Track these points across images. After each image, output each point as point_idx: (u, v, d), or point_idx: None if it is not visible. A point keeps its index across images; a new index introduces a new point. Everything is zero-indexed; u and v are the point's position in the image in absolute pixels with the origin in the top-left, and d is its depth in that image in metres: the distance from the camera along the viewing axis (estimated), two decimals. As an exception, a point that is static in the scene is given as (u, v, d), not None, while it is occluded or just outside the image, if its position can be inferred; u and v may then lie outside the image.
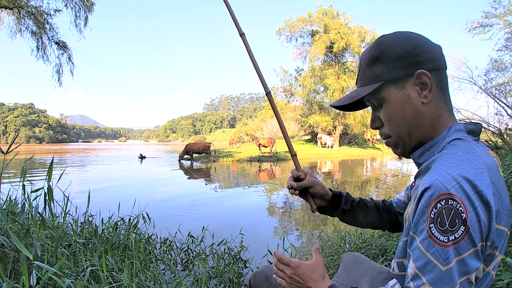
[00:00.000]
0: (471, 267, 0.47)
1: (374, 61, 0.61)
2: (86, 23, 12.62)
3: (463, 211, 0.47)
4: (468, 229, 0.47)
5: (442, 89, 0.60)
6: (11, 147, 1.77)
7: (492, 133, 5.58)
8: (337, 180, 8.87)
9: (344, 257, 1.04)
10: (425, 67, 0.57)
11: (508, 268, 1.22)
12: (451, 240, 0.47)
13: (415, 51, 0.58)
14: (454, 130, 0.58)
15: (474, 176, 0.48)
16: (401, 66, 0.59)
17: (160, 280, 1.79)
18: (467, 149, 0.53)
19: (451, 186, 0.48)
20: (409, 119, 0.60)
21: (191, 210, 4.94)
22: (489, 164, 0.52)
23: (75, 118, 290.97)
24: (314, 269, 0.68)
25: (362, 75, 0.64)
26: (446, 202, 0.48)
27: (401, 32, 0.61)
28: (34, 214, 1.75)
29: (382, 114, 0.64)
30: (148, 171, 11.21)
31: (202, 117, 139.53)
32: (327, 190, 0.85)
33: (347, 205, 0.85)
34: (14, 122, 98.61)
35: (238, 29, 0.93)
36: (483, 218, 0.47)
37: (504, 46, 8.68)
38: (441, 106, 0.59)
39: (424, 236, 0.50)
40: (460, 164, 0.50)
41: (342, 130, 24.10)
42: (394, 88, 0.60)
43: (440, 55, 0.60)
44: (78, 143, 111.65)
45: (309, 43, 23.32)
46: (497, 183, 0.51)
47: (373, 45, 0.62)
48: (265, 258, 2.53)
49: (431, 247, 0.49)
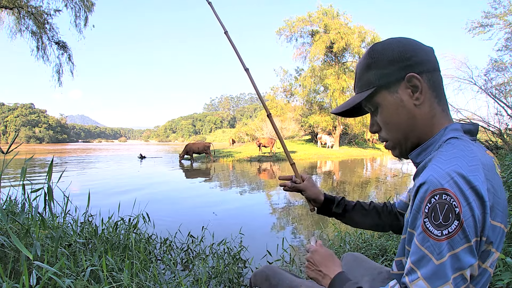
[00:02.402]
0: (465, 262, 0.47)
1: (367, 69, 0.64)
2: (86, 23, 12.61)
3: (457, 205, 0.47)
4: (461, 223, 0.47)
5: (435, 90, 0.61)
6: (11, 147, 1.77)
7: (492, 133, 5.59)
8: (337, 180, 8.87)
9: (344, 257, 1.05)
10: (415, 70, 0.59)
11: (508, 268, 1.22)
12: (445, 235, 0.48)
13: (405, 56, 0.60)
14: (450, 129, 0.59)
15: (468, 172, 0.49)
16: (392, 71, 0.61)
17: (160, 280, 1.79)
18: (462, 147, 0.54)
19: (445, 182, 0.49)
20: (404, 122, 0.62)
21: (191, 210, 4.94)
22: (485, 162, 0.53)
23: (75, 118, 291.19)
24: (327, 256, 0.75)
25: (358, 82, 0.67)
26: (440, 197, 0.48)
27: (392, 39, 0.63)
28: (34, 214, 1.75)
29: (378, 119, 0.66)
30: (148, 171, 11.21)
31: (202, 117, 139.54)
32: (319, 194, 0.95)
33: (338, 209, 0.93)
34: (14, 122, 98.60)
35: (243, 65, 1.09)
36: (477, 213, 0.48)
37: (504, 46, 8.68)
38: (434, 107, 0.61)
39: (420, 231, 0.50)
40: (454, 160, 0.51)
41: (342, 130, 24.10)
42: (387, 92, 0.62)
43: (432, 57, 0.61)
44: (78, 143, 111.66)
45: (309, 43, 23.32)
46: (492, 180, 0.52)
47: (366, 53, 0.65)
48: (264, 258, 2.53)
49: (426, 241, 0.49)
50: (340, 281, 0.68)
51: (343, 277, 0.69)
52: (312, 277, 0.76)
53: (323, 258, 0.75)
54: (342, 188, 7.27)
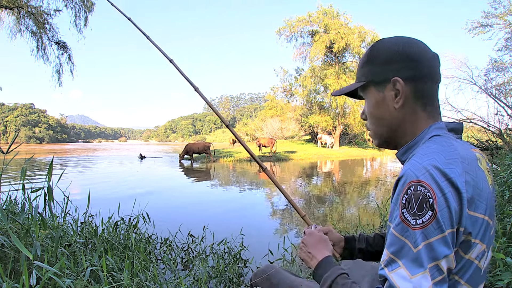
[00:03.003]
0: (439, 253, 0.48)
1: (365, 63, 0.68)
2: (86, 23, 12.59)
3: (431, 196, 0.49)
4: (435, 213, 0.48)
5: (421, 98, 0.61)
6: (11, 147, 1.77)
7: (492, 133, 5.58)
8: (337, 180, 8.87)
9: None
10: (404, 75, 0.61)
11: (508, 268, 1.22)
12: (419, 224, 0.49)
13: (399, 59, 0.61)
14: (434, 128, 0.61)
15: (444, 165, 0.51)
16: (383, 71, 0.63)
17: (160, 280, 1.79)
18: (443, 143, 0.56)
19: (420, 174, 0.50)
20: (382, 119, 0.66)
21: (191, 210, 4.94)
22: (464, 156, 0.54)
23: (75, 118, 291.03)
24: (319, 239, 0.79)
25: (357, 73, 0.72)
26: (415, 188, 0.50)
27: (397, 38, 0.64)
28: (34, 214, 1.74)
29: (365, 108, 0.71)
30: (148, 171, 11.21)
31: (202, 117, 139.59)
32: (340, 236, 0.89)
33: (362, 244, 0.88)
34: (14, 122, 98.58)
35: (192, 86, 1.23)
36: (453, 204, 0.49)
37: (504, 46, 8.68)
38: (417, 112, 0.62)
39: (398, 222, 0.52)
40: (432, 155, 0.53)
41: (342, 130, 24.10)
42: (374, 89, 0.66)
43: (428, 65, 0.61)
44: (78, 143, 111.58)
45: (309, 43, 23.33)
46: (472, 173, 0.53)
47: (369, 48, 0.68)
48: (265, 257, 2.53)
49: (405, 231, 0.50)
50: (327, 264, 0.71)
51: (330, 261, 0.72)
52: (302, 258, 0.79)
53: (315, 240, 0.79)
54: (343, 189, 7.27)
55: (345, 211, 4.84)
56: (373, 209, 4.76)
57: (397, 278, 0.50)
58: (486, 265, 0.58)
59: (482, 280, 0.58)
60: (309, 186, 7.73)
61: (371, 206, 5.09)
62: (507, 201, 2.22)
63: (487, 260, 0.58)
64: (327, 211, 4.82)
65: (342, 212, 4.71)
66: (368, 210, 4.80)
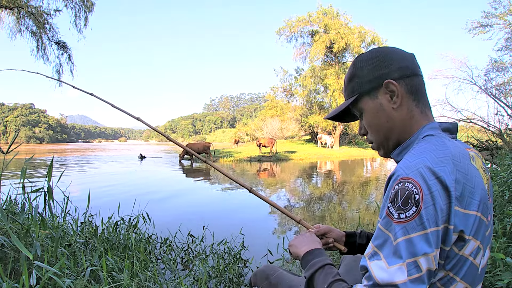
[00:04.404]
0: (418, 249, 0.49)
1: (351, 78, 0.70)
2: (86, 23, 12.60)
3: (418, 192, 0.50)
4: (419, 210, 0.49)
5: (413, 93, 0.65)
6: (11, 147, 1.77)
7: (492, 133, 5.59)
8: (337, 180, 8.87)
9: (344, 257, 1.05)
10: (393, 76, 0.64)
11: (508, 268, 1.22)
12: (402, 218, 0.50)
13: (383, 64, 0.65)
14: (428, 128, 0.63)
15: (434, 164, 0.52)
16: (372, 79, 0.66)
17: (160, 280, 1.79)
18: (435, 142, 0.57)
19: (410, 171, 0.52)
20: (384, 124, 0.67)
21: (191, 210, 4.94)
22: (456, 154, 0.55)
23: (75, 118, 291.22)
24: (304, 239, 0.83)
25: (345, 91, 0.73)
26: (403, 184, 0.52)
27: (374, 49, 0.69)
28: (34, 214, 1.74)
29: (364, 122, 0.72)
30: (148, 171, 11.21)
31: (202, 117, 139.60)
32: (341, 232, 0.94)
33: (362, 240, 0.92)
34: (14, 122, 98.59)
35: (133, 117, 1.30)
36: (440, 202, 0.50)
37: (504, 46, 8.69)
38: (412, 109, 0.64)
39: (384, 215, 0.54)
40: (423, 154, 0.54)
41: (342, 130, 24.11)
42: (368, 98, 0.67)
43: (411, 63, 0.65)
44: (78, 143, 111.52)
45: (309, 43, 23.33)
46: (463, 170, 0.54)
47: (351, 65, 0.72)
48: (265, 257, 2.53)
49: (389, 225, 0.52)
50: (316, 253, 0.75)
51: (320, 251, 0.76)
52: (292, 251, 0.83)
53: (299, 239, 0.83)
54: (343, 189, 7.27)
55: (345, 211, 4.84)
56: (373, 209, 4.76)
57: (375, 267, 0.51)
58: (484, 263, 0.58)
59: (480, 279, 0.58)
60: (309, 186, 7.74)
61: (371, 206, 5.10)
62: (507, 201, 2.21)
63: (484, 258, 0.58)
64: (327, 211, 4.82)
65: (342, 212, 4.71)
66: (368, 210, 4.80)
